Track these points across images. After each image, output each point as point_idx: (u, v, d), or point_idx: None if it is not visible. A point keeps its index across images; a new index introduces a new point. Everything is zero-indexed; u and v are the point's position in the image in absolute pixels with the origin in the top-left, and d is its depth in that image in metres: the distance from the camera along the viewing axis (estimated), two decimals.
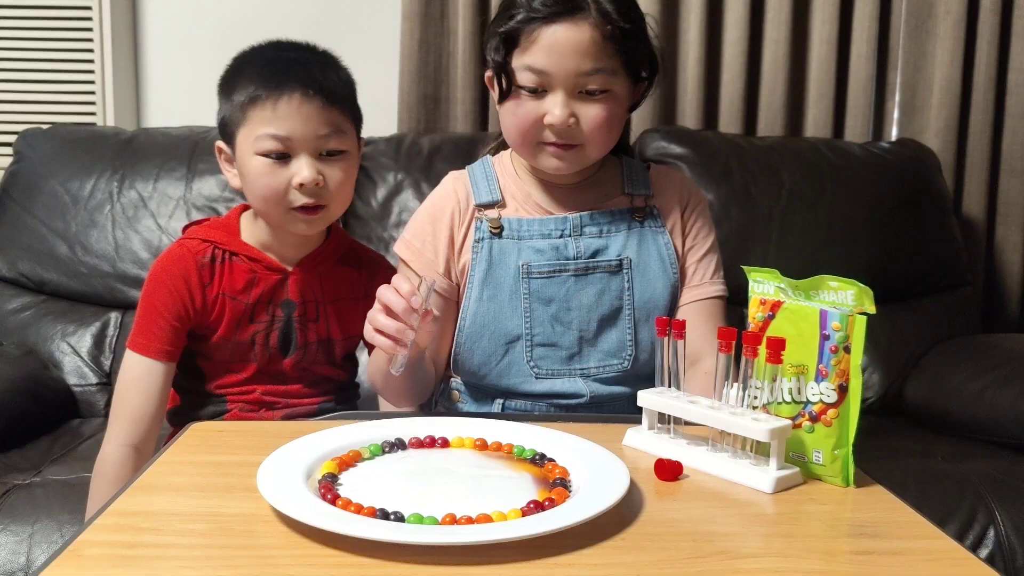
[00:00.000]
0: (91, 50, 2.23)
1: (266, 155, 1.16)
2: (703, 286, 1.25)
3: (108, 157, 2.00)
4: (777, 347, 0.84)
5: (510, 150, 1.31)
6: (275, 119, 1.15)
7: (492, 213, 1.23)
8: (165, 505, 0.76)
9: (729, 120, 2.28)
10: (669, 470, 0.86)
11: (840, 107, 2.32)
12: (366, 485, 0.80)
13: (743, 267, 0.94)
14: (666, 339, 0.95)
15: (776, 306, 0.89)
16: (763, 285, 0.92)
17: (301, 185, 1.16)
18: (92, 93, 2.25)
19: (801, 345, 0.86)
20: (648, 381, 1.23)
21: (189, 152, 2.00)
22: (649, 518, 0.77)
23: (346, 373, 1.32)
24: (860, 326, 0.83)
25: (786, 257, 1.98)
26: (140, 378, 1.18)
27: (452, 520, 0.72)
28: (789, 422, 0.85)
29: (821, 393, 0.85)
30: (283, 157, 1.16)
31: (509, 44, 1.16)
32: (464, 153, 2.03)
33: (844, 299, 0.86)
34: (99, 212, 1.95)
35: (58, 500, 1.35)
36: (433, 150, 2.05)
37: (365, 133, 1.29)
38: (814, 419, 0.86)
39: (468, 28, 2.17)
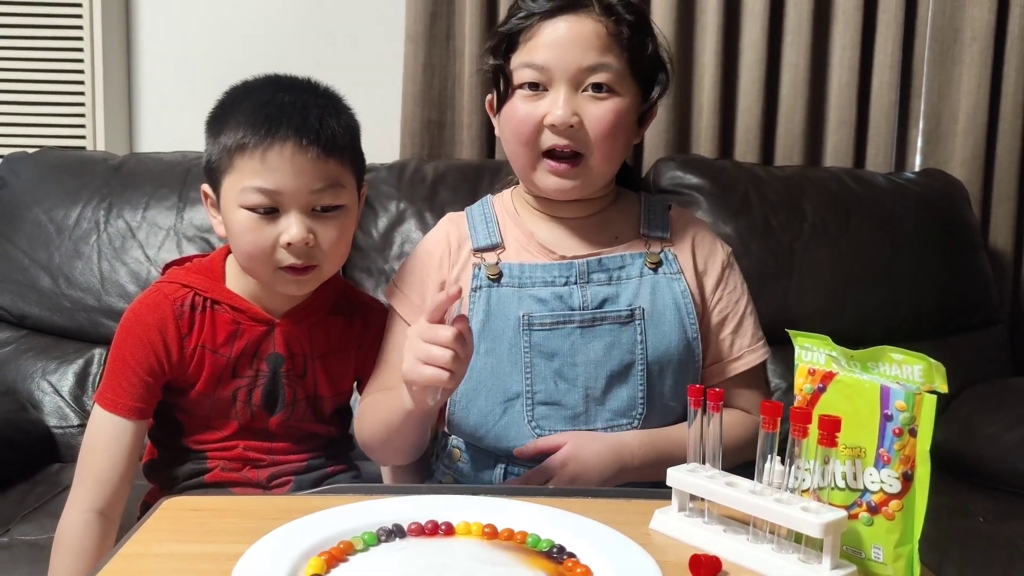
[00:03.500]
0: (81, 71, 2.14)
1: (252, 209, 1.04)
2: (743, 357, 1.15)
3: (95, 184, 1.90)
4: (831, 428, 0.73)
5: (511, 189, 1.21)
6: (263, 171, 1.03)
7: (491, 257, 1.12)
8: None
9: (746, 148, 2.19)
10: (707, 568, 0.75)
11: (861, 135, 2.23)
12: None
13: (788, 331, 0.84)
14: (699, 411, 0.84)
15: (828, 377, 0.79)
16: (812, 353, 0.81)
17: (289, 244, 1.05)
18: (82, 116, 2.16)
19: (857, 424, 0.76)
20: None
21: (181, 179, 1.91)
22: None
23: (336, 428, 1.21)
24: (929, 407, 0.73)
25: (808, 293, 1.89)
26: (107, 438, 1.07)
27: None
28: (844, 514, 0.74)
29: (882, 481, 0.74)
30: (271, 212, 1.05)
31: (509, 44, 1.09)
32: (470, 181, 1.93)
33: (910, 374, 0.75)
34: (84, 242, 1.85)
35: (25, 564, 1.25)
36: (437, 178, 1.95)
37: (366, 159, 1.17)
38: (873, 510, 0.75)
39: (474, 50, 2.07)
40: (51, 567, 1.07)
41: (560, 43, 1.05)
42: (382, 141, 2.09)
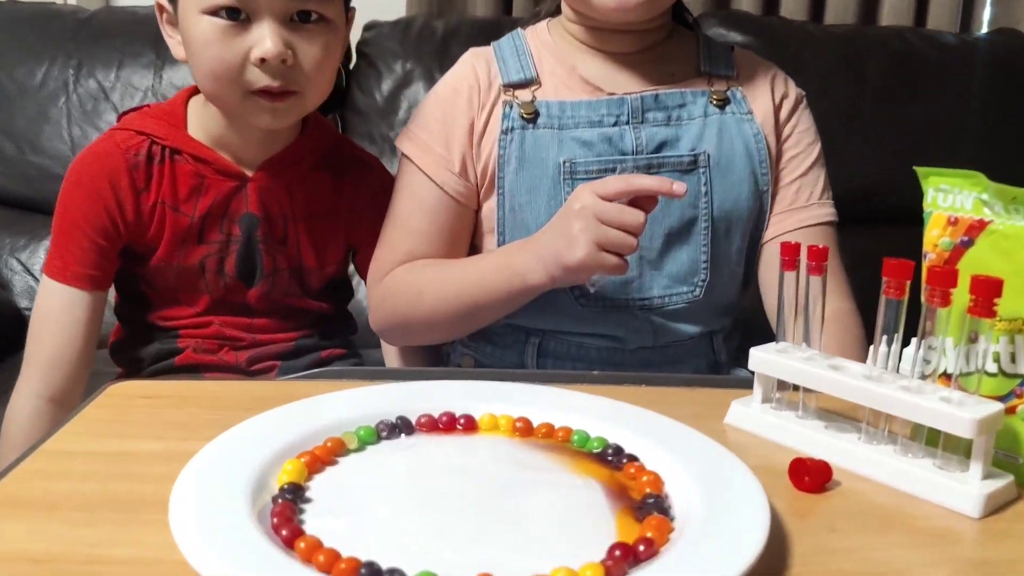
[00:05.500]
0: None
1: (215, 13, 0.84)
2: (811, 208, 0.95)
3: (63, 40, 1.70)
4: (988, 293, 0.54)
5: (547, 20, 1.00)
6: None
7: (525, 95, 0.92)
8: (19, 543, 0.47)
9: (793, 4, 1.96)
10: (814, 475, 0.57)
11: None
12: (348, 505, 0.52)
13: (916, 168, 0.64)
14: (796, 273, 0.64)
15: (976, 228, 0.59)
16: (952, 195, 0.61)
17: (262, 60, 0.84)
18: None
19: (1018, 290, 0.56)
20: (723, 317, 0.97)
21: (158, 35, 1.65)
22: (796, 561, 0.48)
23: (329, 305, 1.02)
24: None
25: (870, 163, 1.68)
26: (57, 312, 0.90)
27: None
28: (1001, 407, 0.55)
29: None
30: (239, 17, 0.84)
31: None
32: (486, 38, 1.66)
33: None
34: (52, 104, 1.66)
35: None
36: (448, 34, 1.73)
37: (368, 15, 0.97)
38: None
39: None
40: None
41: None
42: None
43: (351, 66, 1.76)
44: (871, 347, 0.63)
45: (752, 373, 0.67)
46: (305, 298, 0.98)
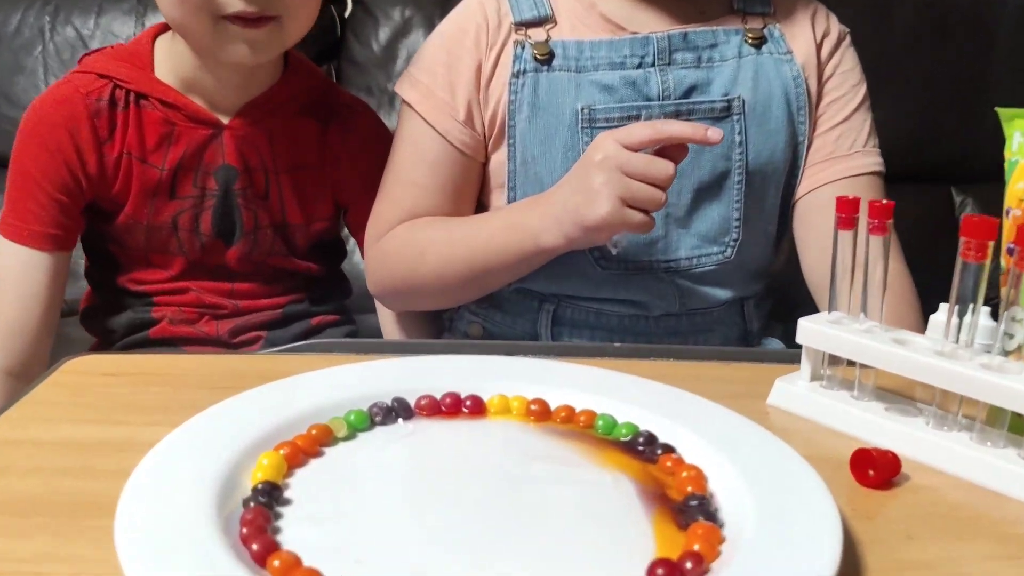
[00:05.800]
0: None
1: None
2: (854, 156, 0.86)
3: None
4: None
5: None
6: None
7: (538, 34, 0.83)
8: None
9: None
10: (881, 468, 0.48)
11: None
12: (334, 509, 0.44)
13: (998, 109, 0.55)
14: (854, 233, 0.56)
15: None
16: None
17: None
18: None
19: None
20: (754, 281, 0.89)
21: None
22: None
23: (319, 266, 0.94)
24: None
25: (897, 115, 1.57)
26: (15, 275, 0.82)
27: None
28: None
29: None
30: None
31: None
32: None
33: None
34: (27, 53, 1.57)
35: None
36: None
37: None
38: None
39: None
40: None
41: None
42: None
43: (346, 14, 1.66)
44: (931, 317, 0.56)
45: (788, 345, 0.59)
46: (291, 258, 0.90)
